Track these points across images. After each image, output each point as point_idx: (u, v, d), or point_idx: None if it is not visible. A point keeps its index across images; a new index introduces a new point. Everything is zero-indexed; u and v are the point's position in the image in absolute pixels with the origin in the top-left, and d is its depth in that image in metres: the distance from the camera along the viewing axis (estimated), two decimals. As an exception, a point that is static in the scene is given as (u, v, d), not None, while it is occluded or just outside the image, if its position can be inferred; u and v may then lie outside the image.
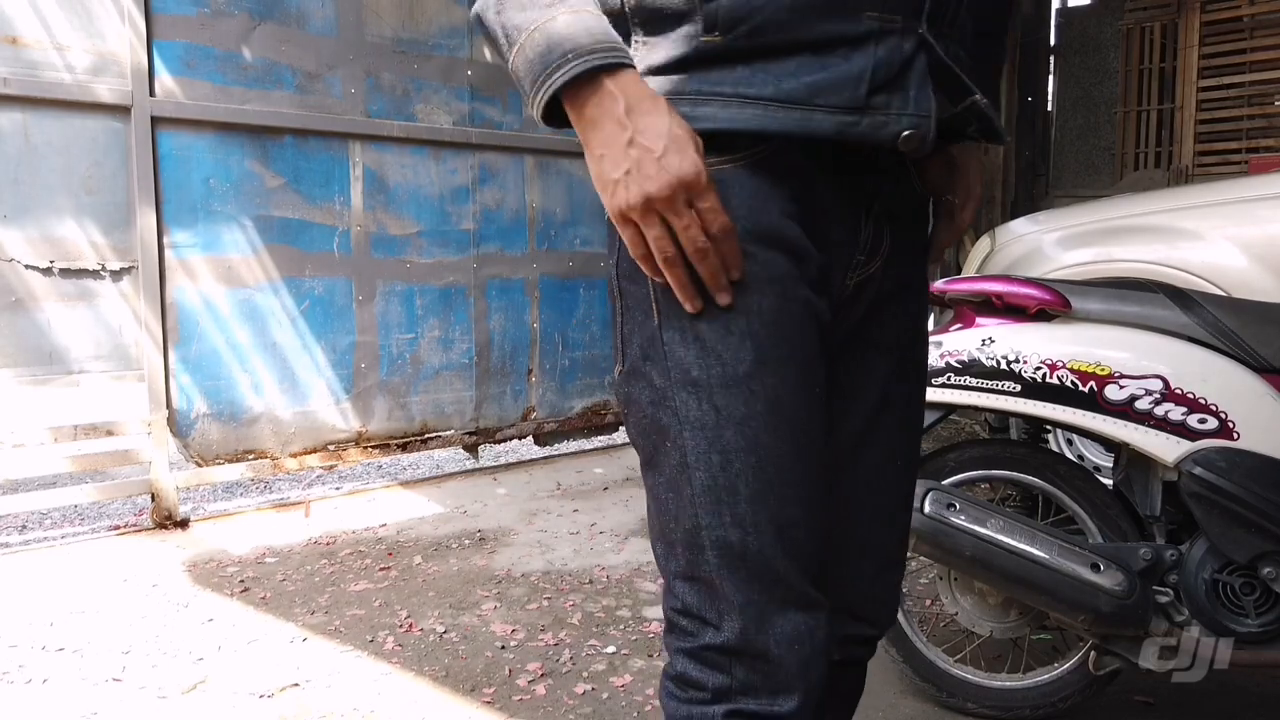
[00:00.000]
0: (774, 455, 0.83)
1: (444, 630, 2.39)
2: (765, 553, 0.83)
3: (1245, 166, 4.72)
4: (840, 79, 0.80)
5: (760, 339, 0.82)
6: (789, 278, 0.83)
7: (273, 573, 2.77)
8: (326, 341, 3.41)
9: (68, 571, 2.72)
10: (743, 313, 0.81)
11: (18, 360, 2.81)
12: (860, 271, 0.90)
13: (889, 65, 0.80)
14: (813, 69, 0.80)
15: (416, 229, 3.60)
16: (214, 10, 3.08)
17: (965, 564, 1.74)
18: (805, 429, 0.85)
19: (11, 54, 2.75)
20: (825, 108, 0.80)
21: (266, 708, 1.99)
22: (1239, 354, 1.68)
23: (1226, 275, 2.81)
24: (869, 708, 2.00)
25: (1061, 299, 1.75)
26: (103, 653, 2.22)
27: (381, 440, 3.57)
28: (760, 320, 0.82)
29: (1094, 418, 1.68)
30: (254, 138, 3.19)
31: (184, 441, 3.12)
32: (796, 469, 0.84)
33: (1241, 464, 1.62)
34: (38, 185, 2.82)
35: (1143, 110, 5.25)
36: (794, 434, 0.83)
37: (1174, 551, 1.71)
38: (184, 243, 3.07)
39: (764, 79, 0.80)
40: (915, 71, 0.82)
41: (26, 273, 2.81)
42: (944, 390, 1.76)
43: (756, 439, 0.82)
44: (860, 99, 0.80)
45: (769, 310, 0.82)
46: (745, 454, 0.82)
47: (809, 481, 0.85)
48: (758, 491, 0.83)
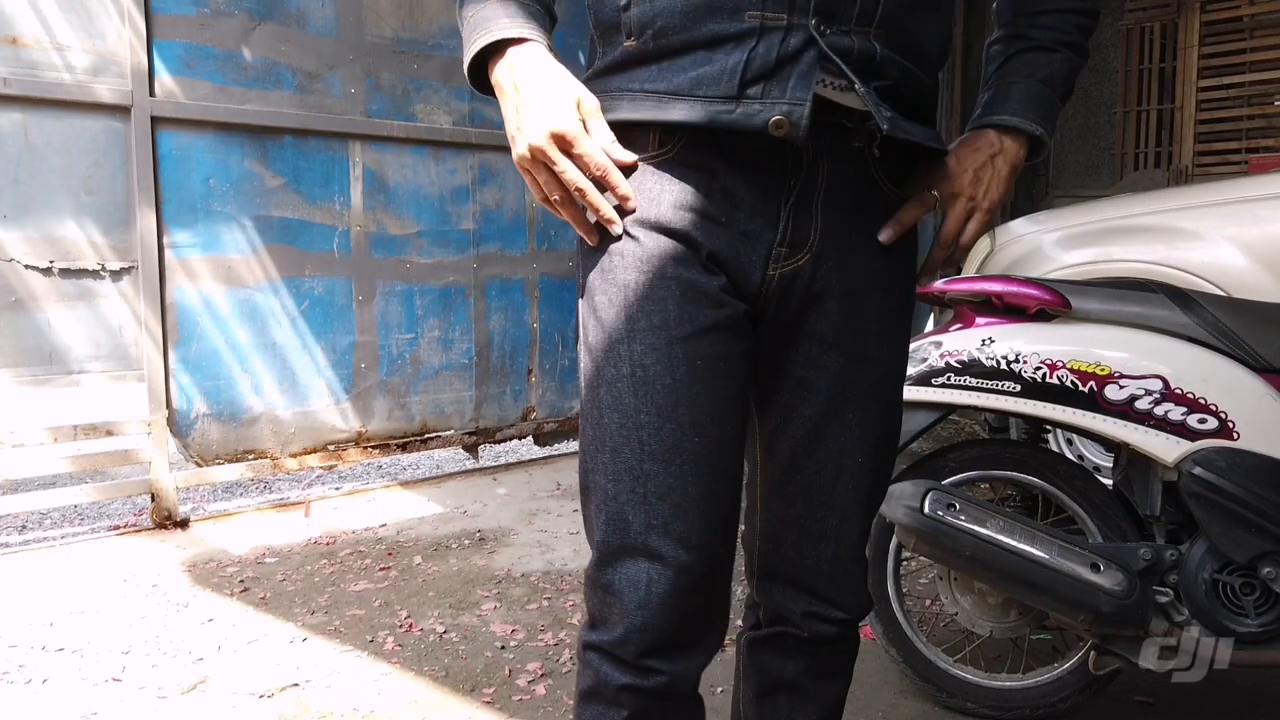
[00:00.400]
0: (634, 415, 0.93)
1: (444, 630, 2.39)
2: (619, 500, 0.94)
3: (1245, 166, 4.72)
4: (718, 72, 0.89)
5: (633, 310, 0.93)
6: (668, 259, 0.93)
7: (273, 573, 2.77)
8: (326, 341, 3.41)
9: (67, 571, 2.72)
10: (622, 287, 0.94)
11: (18, 360, 2.81)
12: (785, 263, 0.95)
13: (765, 59, 0.88)
14: (700, 64, 0.89)
15: (416, 229, 3.60)
16: (214, 10, 3.08)
17: (965, 564, 1.74)
18: (674, 395, 0.93)
19: (11, 54, 2.75)
20: (703, 98, 0.89)
21: (266, 708, 1.99)
22: (1239, 354, 1.68)
23: (1226, 275, 2.81)
24: (869, 707, 2.00)
25: (1061, 299, 1.75)
26: (102, 653, 2.22)
27: (381, 440, 3.57)
28: (635, 294, 0.93)
29: (1094, 418, 1.68)
30: (254, 138, 3.19)
31: (184, 441, 3.12)
32: (663, 430, 0.92)
33: (1241, 464, 1.62)
34: (38, 185, 2.82)
35: (1142, 110, 5.25)
36: (658, 398, 0.92)
37: (1174, 551, 1.71)
38: (184, 243, 3.07)
39: (664, 75, 0.91)
40: (800, 64, 0.88)
41: (26, 273, 2.81)
42: (944, 390, 1.76)
43: (620, 398, 0.94)
44: (733, 89, 0.88)
45: (643, 285, 0.93)
46: (611, 410, 0.94)
47: (677, 444, 0.93)
48: (618, 445, 0.94)
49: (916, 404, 1.80)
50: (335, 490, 3.70)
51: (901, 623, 1.96)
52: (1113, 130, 5.39)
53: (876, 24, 0.91)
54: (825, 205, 0.95)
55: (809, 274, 0.96)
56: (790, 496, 1.04)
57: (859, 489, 1.03)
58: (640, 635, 0.93)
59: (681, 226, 0.93)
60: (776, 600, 1.08)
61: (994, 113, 1.04)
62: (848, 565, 1.05)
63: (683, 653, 0.96)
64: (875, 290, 1.00)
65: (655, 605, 0.93)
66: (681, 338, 0.93)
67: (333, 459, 3.47)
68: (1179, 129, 5.07)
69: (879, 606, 1.96)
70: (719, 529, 0.96)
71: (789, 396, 1.01)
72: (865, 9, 0.90)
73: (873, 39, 0.91)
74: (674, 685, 0.96)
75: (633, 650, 0.94)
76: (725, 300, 0.94)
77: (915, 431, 1.80)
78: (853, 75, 0.89)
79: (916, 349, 1.81)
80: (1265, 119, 4.77)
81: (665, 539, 0.93)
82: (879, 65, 0.92)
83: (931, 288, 1.92)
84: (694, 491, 0.93)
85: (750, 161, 0.92)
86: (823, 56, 0.88)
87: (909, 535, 1.73)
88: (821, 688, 1.10)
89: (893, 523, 1.78)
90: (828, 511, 1.03)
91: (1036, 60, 1.05)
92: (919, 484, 1.74)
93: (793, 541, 1.05)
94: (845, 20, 0.90)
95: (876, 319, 1.00)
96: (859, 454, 1.02)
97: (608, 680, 0.95)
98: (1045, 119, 1.04)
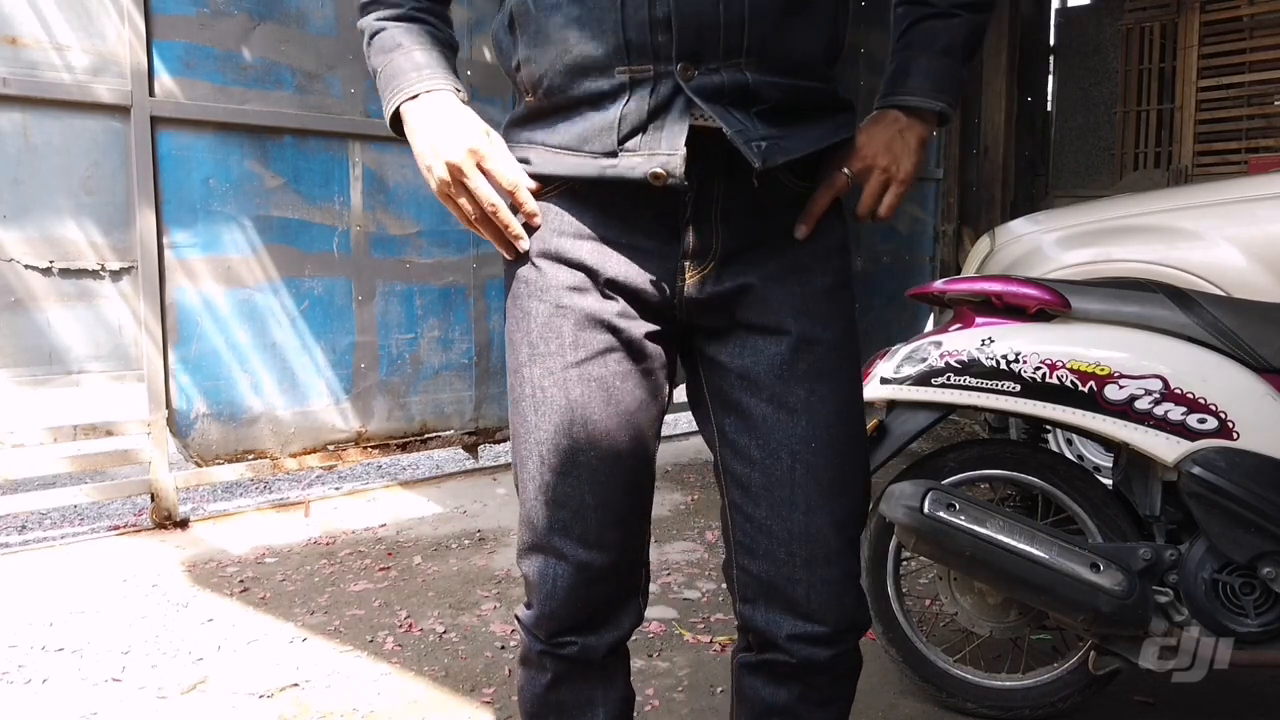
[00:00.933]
0: (535, 431, 1.04)
1: (444, 630, 2.39)
2: (529, 504, 1.06)
3: (1245, 166, 4.71)
4: (598, 128, 0.96)
5: (533, 336, 1.04)
6: (565, 288, 1.02)
7: (272, 573, 2.77)
8: (326, 341, 3.41)
9: (67, 572, 2.72)
10: (525, 314, 1.05)
11: (17, 360, 2.81)
12: (693, 273, 1.02)
13: (638, 112, 0.95)
14: (584, 120, 0.97)
15: (416, 229, 3.60)
16: (214, 10, 3.08)
17: (965, 564, 1.74)
18: (569, 415, 1.02)
19: (11, 54, 2.75)
20: (590, 153, 0.97)
21: (266, 708, 1.99)
22: (1239, 354, 1.68)
23: (1226, 275, 2.81)
24: (869, 708, 2.00)
25: (1061, 299, 1.75)
26: (102, 653, 2.22)
27: (381, 440, 3.57)
28: (535, 321, 1.03)
29: (1093, 418, 1.68)
30: (254, 138, 3.19)
31: (184, 441, 3.12)
32: (560, 446, 1.02)
33: (1241, 464, 1.62)
34: (37, 185, 2.82)
35: (1142, 110, 5.25)
36: (554, 417, 1.02)
37: (1173, 551, 1.71)
38: (184, 243, 3.07)
39: (557, 130, 1.00)
40: (672, 112, 0.94)
41: (26, 273, 2.81)
42: (943, 390, 1.76)
43: (525, 417, 1.05)
44: (612, 145, 0.96)
45: (542, 313, 1.03)
46: (520, 427, 1.06)
47: (573, 458, 1.02)
48: (524, 458, 1.06)
49: (916, 404, 1.80)
50: (335, 490, 3.70)
51: (901, 623, 1.96)
52: (1112, 130, 5.39)
53: (745, 54, 0.94)
54: (725, 214, 1.00)
55: (717, 277, 1.02)
56: (755, 498, 1.03)
57: (818, 478, 1.01)
58: (550, 621, 1.07)
59: (579, 256, 1.01)
60: (760, 624, 1.05)
61: (896, 92, 1.07)
62: (823, 568, 1.01)
63: (595, 632, 1.08)
64: (798, 273, 1.03)
65: (561, 596, 1.05)
66: (575, 362, 1.02)
67: (332, 459, 3.47)
68: (1179, 129, 5.07)
69: (879, 606, 1.96)
70: (620, 530, 1.05)
71: (735, 392, 1.03)
72: (730, 45, 0.93)
73: (744, 70, 0.95)
74: (586, 653, 1.08)
75: (545, 632, 1.08)
76: (620, 325, 1.02)
77: (915, 431, 1.80)
78: (720, 121, 0.93)
79: (916, 349, 1.81)
80: (1265, 119, 4.77)
81: (565, 539, 1.04)
82: (754, 92, 0.95)
83: (931, 288, 1.92)
84: (590, 499, 1.03)
85: (644, 191, 0.96)
86: (690, 103, 0.94)
87: (909, 535, 1.73)
88: (818, 715, 1.07)
89: (892, 523, 1.78)
90: (791, 508, 1.01)
91: (934, 29, 1.07)
92: (918, 484, 1.74)
93: (765, 549, 1.03)
94: (713, 59, 0.94)
95: (807, 300, 1.02)
96: (811, 439, 1.01)
97: (533, 648, 1.10)
98: (948, 91, 1.06)
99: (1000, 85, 5.44)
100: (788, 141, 0.97)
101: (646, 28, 0.92)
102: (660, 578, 2.75)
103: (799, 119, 0.99)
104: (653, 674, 2.14)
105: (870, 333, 4.95)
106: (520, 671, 1.16)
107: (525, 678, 1.14)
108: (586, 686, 1.12)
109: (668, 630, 2.39)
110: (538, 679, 1.12)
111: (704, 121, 0.94)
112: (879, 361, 1.84)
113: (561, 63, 0.96)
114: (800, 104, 0.99)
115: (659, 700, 2.04)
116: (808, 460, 1.01)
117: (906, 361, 1.80)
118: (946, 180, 5.63)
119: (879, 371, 1.82)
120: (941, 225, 5.66)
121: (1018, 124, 5.61)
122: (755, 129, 0.95)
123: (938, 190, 5.67)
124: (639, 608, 1.13)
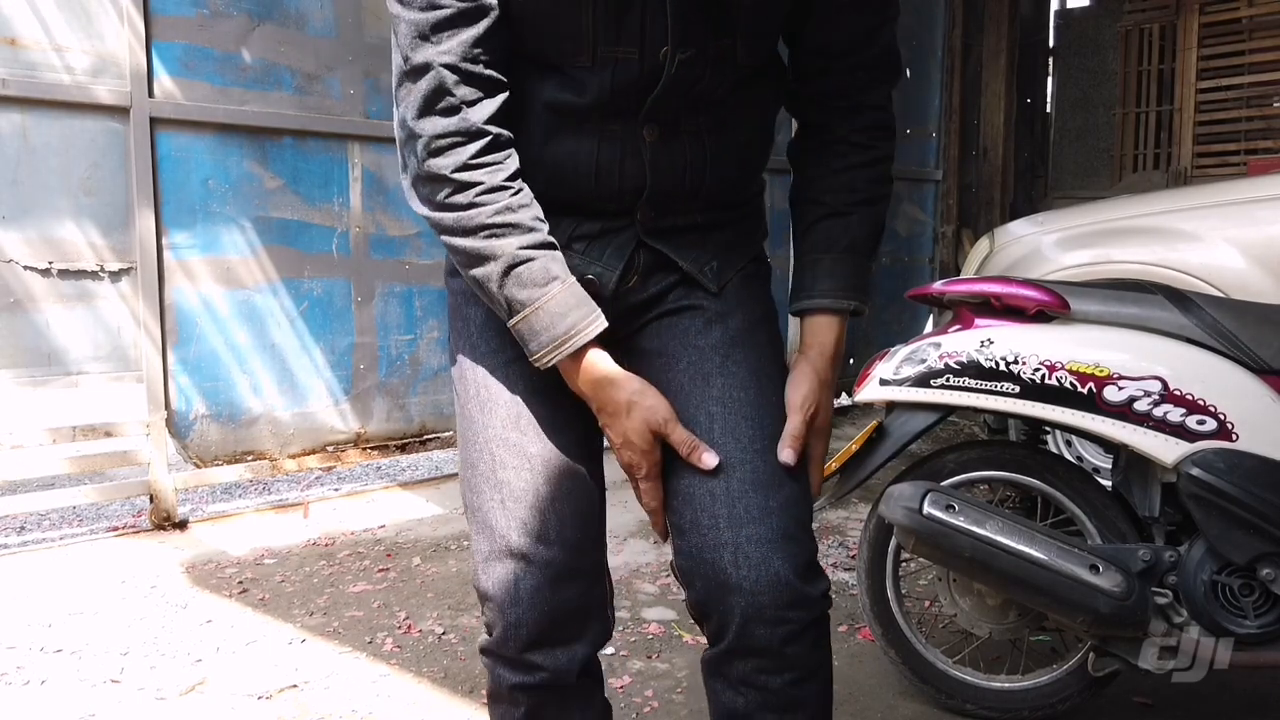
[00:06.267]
0: (484, 430, 1.06)
1: (443, 631, 2.38)
2: (484, 508, 1.05)
3: (1244, 168, 4.72)
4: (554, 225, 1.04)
5: (473, 339, 1.09)
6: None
7: (271, 574, 2.77)
8: (325, 343, 3.41)
9: (66, 573, 2.72)
10: (466, 320, 1.10)
11: (16, 361, 2.81)
12: (624, 283, 1.09)
13: (592, 227, 1.06)
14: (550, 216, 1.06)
15: (415, 230, 3.60)
16: (213, 11, 3.08)
17: (964, 565, 1.73)
18: (515, 409, 1.05)
19: (10, 55, 2.75)
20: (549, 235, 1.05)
21: (265, 709, 1.98)
22: (1238, 355, 1.68)
23: (1225, 277, 2.82)
24: (868, 709, 2.00)
25: (1060, 300, 1.75)
26: (101, 654, 2.22)
27: (380, 441, 3.57)
28: (476, 325, 1.09)
29: (1093, 419, 1.68)
30: (253, 139, 3.19)
31: (183, 442, 3.12)
32: (509, 439, 1.04)
33: (1240, 465, 1.62)
34: (37, 186, 2.81)
35: (1141, 112, 5.25)
36: (501, 411, 1.05)
37: (1173, 553, 1.71)
38: (183, 244, 3.07)
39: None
40: (621, 237, 1.06)
41: (25, 274, 2.81)
42: (943, 391, 1.76)
43: (473, 418, 1.07)
44: (564, 241, 1.04)
45: (479, 317, 1.09)
46: (468, 430, 1.08)
47: (523, 450, 1.04)
48: (474, 460, 1.06)
49: (915, 405, 1.80)
50: (334, 491, 3.69)
51: (900, 624, 1.96)
52: (1111, 132, 5.39)
53: (699, 205, 1.08)
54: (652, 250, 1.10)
55: (643, 285, 1.10)
56: (679, 470, 1.02)
57: (737, 436, 1.01)
58: (517, 630, 1.02)
59: None
60: (703, 609, 1.02)
61: (807, 296, 1.10)
62: (747, 526, 0.97)
63: (564, 646, 1.04)
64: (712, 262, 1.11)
65: (526, 600, 1.02)
66: (516, 357, 1.05)
67: (332, 460, 3.47)
68: (1178, 130, 5.07)
69: (878, 607, 1.96)
70: (578, 524, 1.05)
71: (656, 372, 1.07)
72: (689, 204, 1.07)
73: (696, 213, 1.09)
74: (557, 678, 1.04)
75: (513, 647, 1.03)
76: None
77: (914, 433, 1.80)
78: (675, 256, 1.08)
79: (916, 350, 1.81)
80: (1264, 120, 4.78)
81: (525, 537, 1.02)
82: (699, 226, 1.10)
83: (930, 289, 1.92)
84: (546, 491, 1.03)
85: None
86: (640, 242, 1.07)
87: (908, 536, 1.73)
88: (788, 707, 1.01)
89: (891, 524, 1.78)
90: (712, 471, 1.00)
91: (833, 229, 1.09)
92: (918, 485, 1.73)
93: (690, 520, 1.01)
94: (672, 214, 1.08)
95: (725, 289, 1.11)
96: (726, 399, 1.04)
97: (501, 681, 1.06)
98: (856, 289, 1.10)
99: (999, 87, 5.44)
100: (726, 259, 1.11)
101: (616, 195, 1.05)
102: (659, 578, 2.75)
103: (727, 230, 1.13)
104: (652, 675, 2.14)
105: (869, 334, 4.95)
106: (491, 710, 1.11)
107: (497, 716, 1.10)
108: (563, 713, 1.08)
109: (667, 631, 2.39)
110: (511, 713, 1.08)
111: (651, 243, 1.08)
112: (878, 363, 1.84)
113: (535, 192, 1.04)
114: (729, 222, 1.13)
115: (658, 701, 2.03)
116: (724, 420, 1.03)
117: (906, 363, 1.80)
118: (946, 182, 5.63)
119: (878, 373, 1.82)
120: (941, 227, 5.66)
121: (1017, 125, 5.62)
122: (702, 256, 1.09)
123: (937, 192, 5.66)
124: (607, 623, 1.10)
